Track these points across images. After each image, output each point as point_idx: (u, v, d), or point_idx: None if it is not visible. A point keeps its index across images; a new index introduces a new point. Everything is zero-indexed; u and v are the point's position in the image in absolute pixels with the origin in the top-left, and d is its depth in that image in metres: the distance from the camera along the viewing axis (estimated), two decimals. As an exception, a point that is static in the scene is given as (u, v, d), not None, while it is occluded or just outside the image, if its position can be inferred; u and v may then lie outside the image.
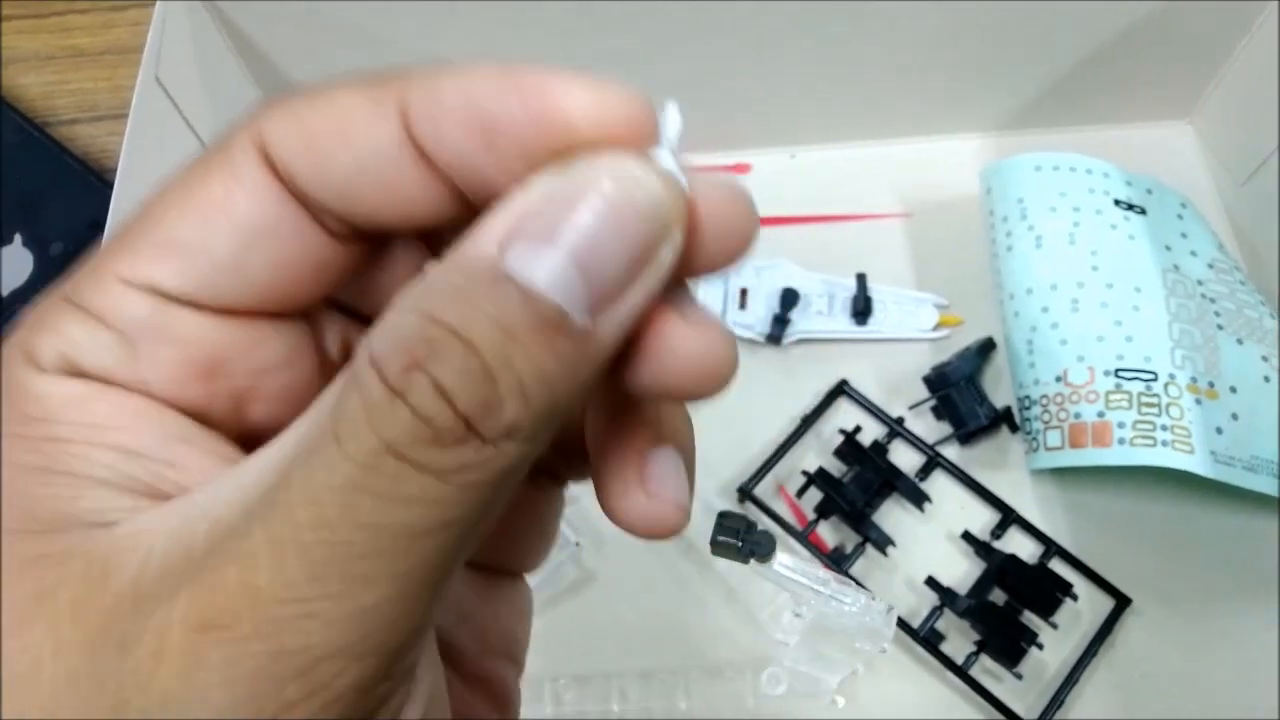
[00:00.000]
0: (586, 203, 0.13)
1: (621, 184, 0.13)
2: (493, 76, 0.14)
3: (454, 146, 0.14)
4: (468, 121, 0.14)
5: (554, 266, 0.13)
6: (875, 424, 0.50)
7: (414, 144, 0.15)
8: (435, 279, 0.13)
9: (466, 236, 0.14)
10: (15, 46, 0.61)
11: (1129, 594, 0.45)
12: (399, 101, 0.15)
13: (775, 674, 0.43)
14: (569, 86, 0.14)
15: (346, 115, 0.15)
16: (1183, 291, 0.47)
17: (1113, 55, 0.53)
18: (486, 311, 0.13)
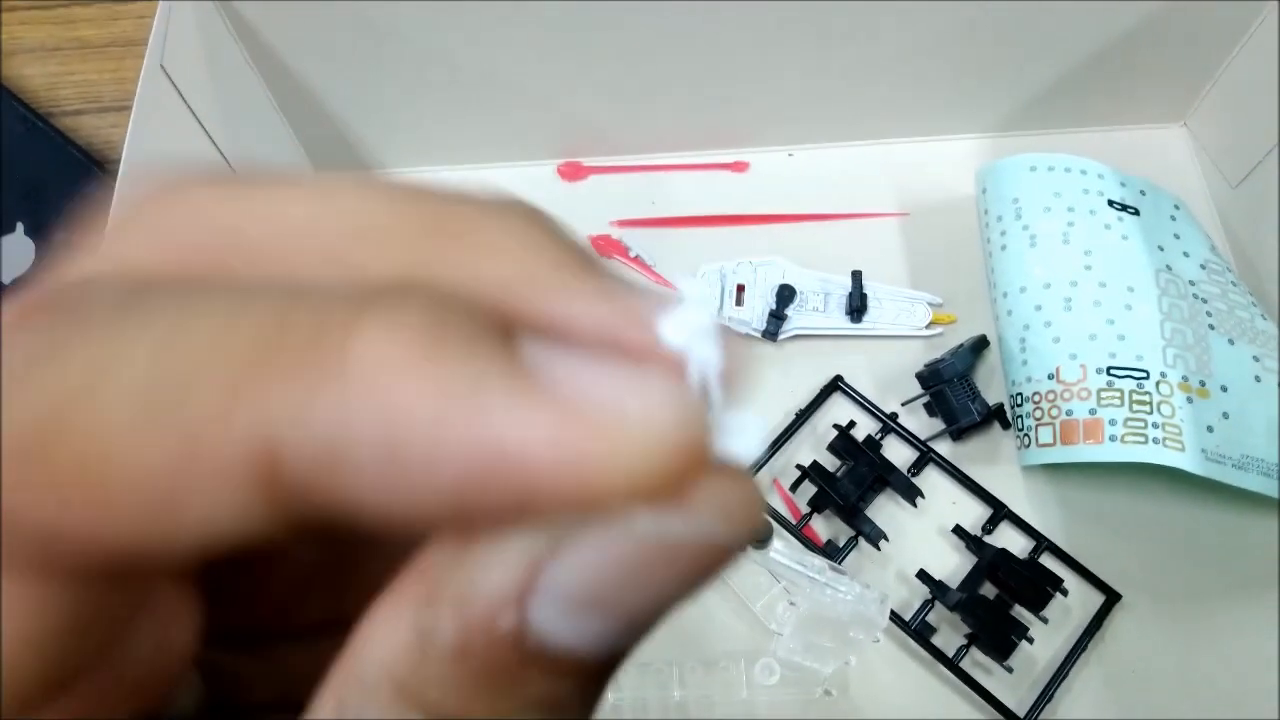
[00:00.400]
0: (639, 559, 0.10)
1: (681, 529, 0.10)
2: (437, 421, 0.09)
3: (383, 522, 0.10)
4: (408, 500, 0.10)
5: (600, 631, 0.10)
6: (869, 419, 0.50)
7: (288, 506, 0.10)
8: (430, 641, 0.10)
9: (463, 577, 0.10)
10: (20, 37, 0.62)
11: (1119, 590, 0.46)
12: (251, 454, 0.09)
13: (769, 664, 0.44)
14: (598, 452, 0.09)
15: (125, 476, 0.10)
16: (1175, 291, 0.47)
17: (1109, 59, 0.54)
18: (524, 703, 0.10)
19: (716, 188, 0.59)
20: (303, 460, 0.09)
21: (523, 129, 0.58)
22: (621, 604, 0.10)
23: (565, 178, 0.59)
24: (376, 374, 0.09)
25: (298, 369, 0.09)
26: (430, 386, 0.09)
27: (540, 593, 0.09)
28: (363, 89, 0.54)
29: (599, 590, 0.10)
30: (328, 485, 0.09)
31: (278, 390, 0.09)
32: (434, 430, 0.09)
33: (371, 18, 0.49)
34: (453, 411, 0.09)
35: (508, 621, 0.10)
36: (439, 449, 0.09)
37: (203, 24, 0.47)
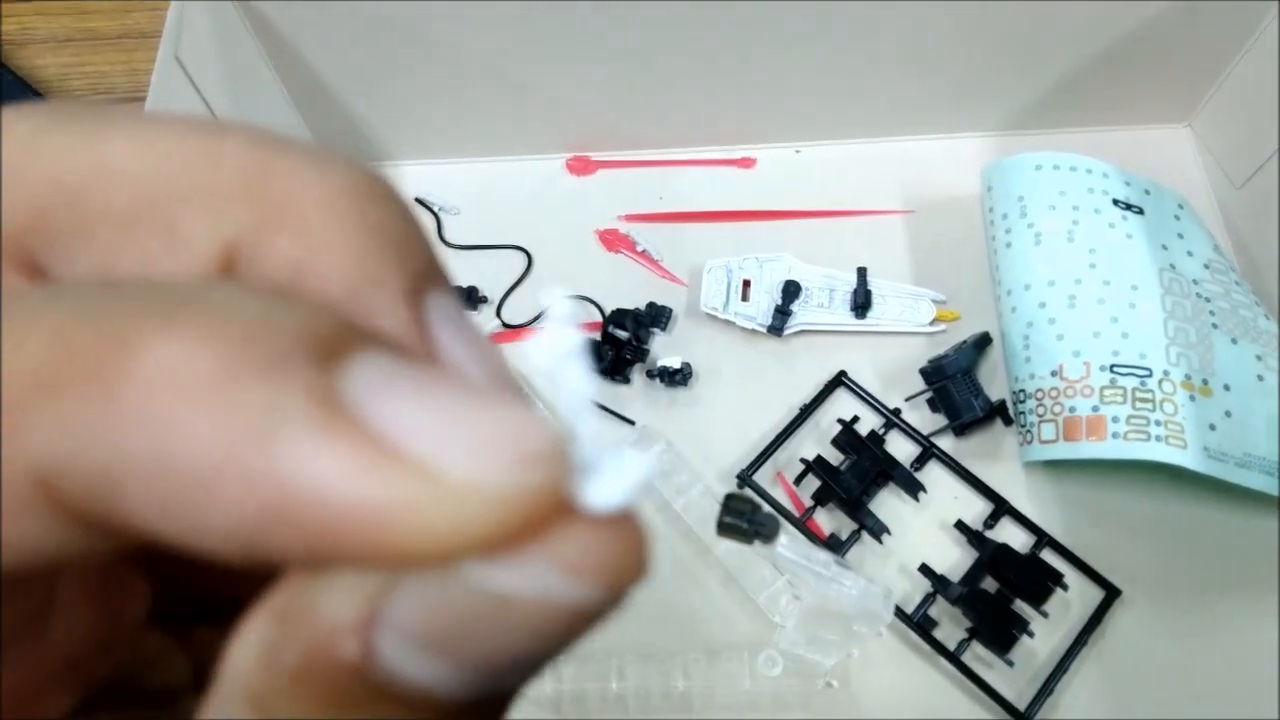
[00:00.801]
0: (476, 610, 0.09)
1: (519, 584, 0.09)
2: (206, 469, 0.08)
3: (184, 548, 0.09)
4: (200, 541, 0.09)
5: (439, 671, 0.09)
6: (872, 414, 0.51)
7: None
8: (278, 659, 0.09)
9: (304, 605, 0.09)
10: (34, 28, 0.62)
11: (1119, 586, 0.46)
12: (29, 474, 0.09)
13: (772, 656, 0.44)
14: (397, 507, 0.08)
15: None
16: (1179, 290, 0.48)
17: (1114, 59, 0.54)
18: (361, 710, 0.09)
19: (724, 183, 0.59)
20: (77, 485, 0.08)
21: (533, 123, 0.58)
22: (465, 651, 0.09)
23: (574, 172, 0.60)
24: (151, 398, 0.08)
25: (73, 388, 0.08)
26: (214, 415, 0.08)
27: (382, 627, 0.09)
28: (375, 82, 0.55)
29: (438, 635, 0.09)
30: (111, 511, 0.08)
31: (51, 412, 0.08)
32: (212, 463, 0.08)
33: (385, 12, 0.49)
34: (237, 445, 0.08)
35: (348, 650, 0.09)
36: (218, 484, 0.08)
37: (217, 15, 0.47)
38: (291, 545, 0.08)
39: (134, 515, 0.08)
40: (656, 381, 0.52)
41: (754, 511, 0.32)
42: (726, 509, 0.33)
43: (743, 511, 0.32)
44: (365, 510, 0.08)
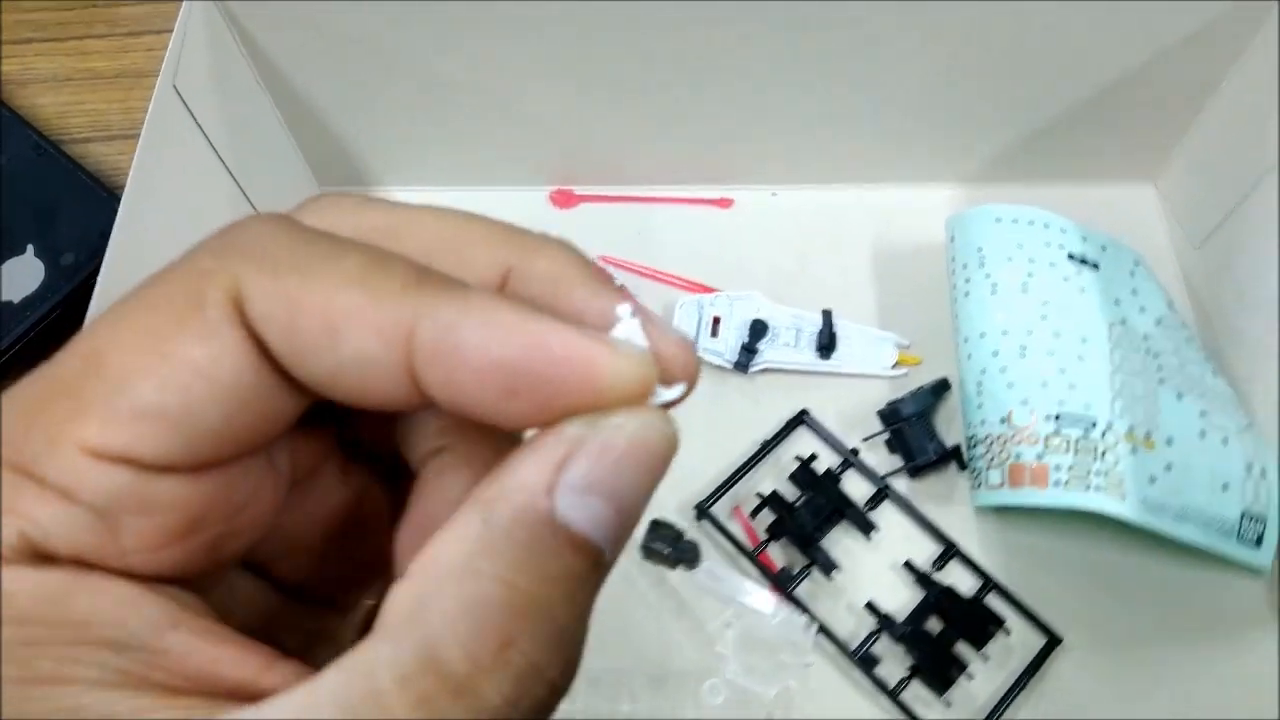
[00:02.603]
0: (626, 456, 0.14)
1: (648, 433, 0.15)
2: (520, 331, 0.14)
3: (467, 393, 0.15)
4: (490, 377, 0.14)
5: (600, 513, 0.14)
6: (831, 453, 0.52)
7: (409, 367, 0.15)
8: (492, 527, 0.14)
9: (508, 479, 0.14)
10: (34, 67, 0.65)
11: (1061, 633, 0.47)
12: (407, 327, 0.14)
13: (715, 685, 0.46)
14: (603, 357, 0.14)
15: (341, 314, 0.14)
16: (1128, 344, 0.49)
17: (1084, 116, 0.56)
18: (557, 572, 0.14)
19: (702, 221, 0.61)
20: (427, 342, 0.14)
21: (519, 156, 0.60)
22: (613, 489, 0.14)
23: (557, 204, 0.62)
24: (485, 307, 0.15)
25: (438, 292, 0.15)
26: (516, 319, 0.14)
27: (561, 485, 0.14)
28: (368, 111, 0.57)
29: (598, 479, 0.14)
30: (441, 364, 0.14)
31: (426, 298, 0.14)
32: (513, 338, 0.14)
33: (380, 44, 0.52)
34: (528, 331, 0.14)
35: (541, 505, 0.14)
36: (510, 349, 0.14)
37: (215, 45, 0.50)
38: (542, 386, 0.14)
39: (453, 369, 0.15)
40: (623, 412, 0.53)
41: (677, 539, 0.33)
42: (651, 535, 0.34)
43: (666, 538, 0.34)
44: (585, 364, 0.14)
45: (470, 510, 0.14)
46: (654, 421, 0.15)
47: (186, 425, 0.14)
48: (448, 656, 0.13)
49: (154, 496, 0.14)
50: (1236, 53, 0.51)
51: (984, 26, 0.50)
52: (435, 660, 0.13)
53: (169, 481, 0.15)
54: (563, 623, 0.14)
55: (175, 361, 0.14)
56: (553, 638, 0.13)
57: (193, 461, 0.15)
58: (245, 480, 0.16)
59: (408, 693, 0.13)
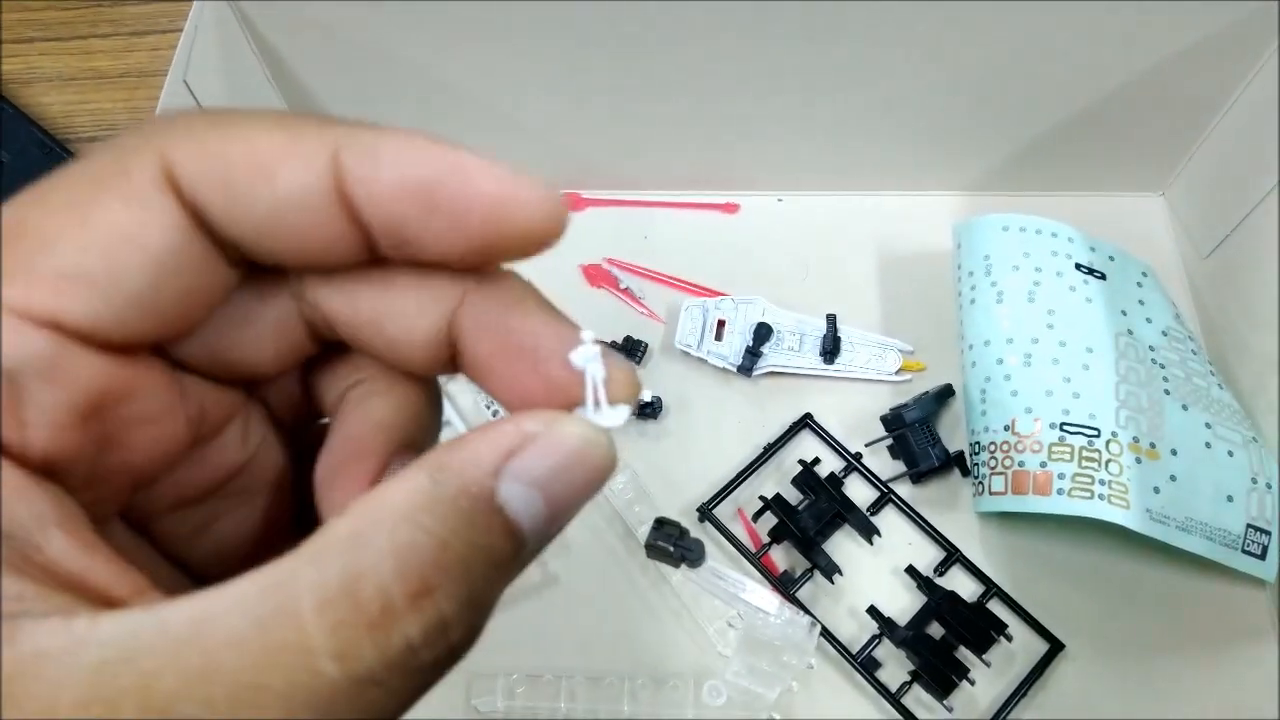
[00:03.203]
0: (570, 463, 0.15)
1: (593, 450, 0.15)
2: (436, 150, 0.15)
3: (388, 209, 0.15)
4: (407, 192, 0.15)
5: (536, 508, 0.15)
6: (834, 457, 0.52)
7: (342, 197, 0.15)
8: (439, 488, 0.14)
9: (461, 451, 0.15)
10: (40, 67, 0.65)
11: (1063, 639, 0.47)
12: (330, 152, 0.15)
13: (716, 687, 0.46)
14: (515, 183, 0.15)
15: (268, 154, 0.15)
16: (1133, 355, 0.49)
17: (1092, 127, 0.56)
18: (485, 544, 0.14)
19: (708, 227, 0.61)
20: (352, 166, 0.15)
21: (527, 159, 0.60)
22: (552, 490, 0.15)
23: (564, 207, 0.62)
24: (401, 132, 0.15)
25: (354, 125, 0.15)
26: (432, 142, 0.15)
27: (507, 471, 0.15)
28: (378, 116, 0.57)
29: (542, 476, 0.15)
30: (366, 185, 0.15)
31: (343, 130, 0.15)
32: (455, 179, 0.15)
33: (390, 49, 0.52)
34: (444, 151, 0.15)
35: (487, 483, 0.15)
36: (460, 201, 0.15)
37: (227, 43, 0.50)
38: (464, 215, 0.15)
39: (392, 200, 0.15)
40: (627, 413, 0.53)
41: (681, 536, 0.33)
42: (656, 532, 0.34)
43: (671, 535, 0.34)
44: (505, 194, 0.15)
45: (420, 469, 0.14)
46: (600, 441, 0.16)
47: (113, 290, 0.14)
48: (370, 588, 0.13)
49: (69, 368, 0.14)
50: (1246, 65, 0.51)
51: (992, 35, 0.50)
52: (357, 590, 0.13)
53: (89, 356, 0.14)
54: (478, 591, 0.14)
55: (100, 226, 0.14)
56: (467, 601, 0.14)
57: (120, 331, 0.15)
58: (159, 392, 0.16)
59: (324, 616, 0.12)
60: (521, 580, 0.50)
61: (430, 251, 0.16)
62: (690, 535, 0.30)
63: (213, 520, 0.19)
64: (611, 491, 0.50)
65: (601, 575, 0.50)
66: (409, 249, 0.16)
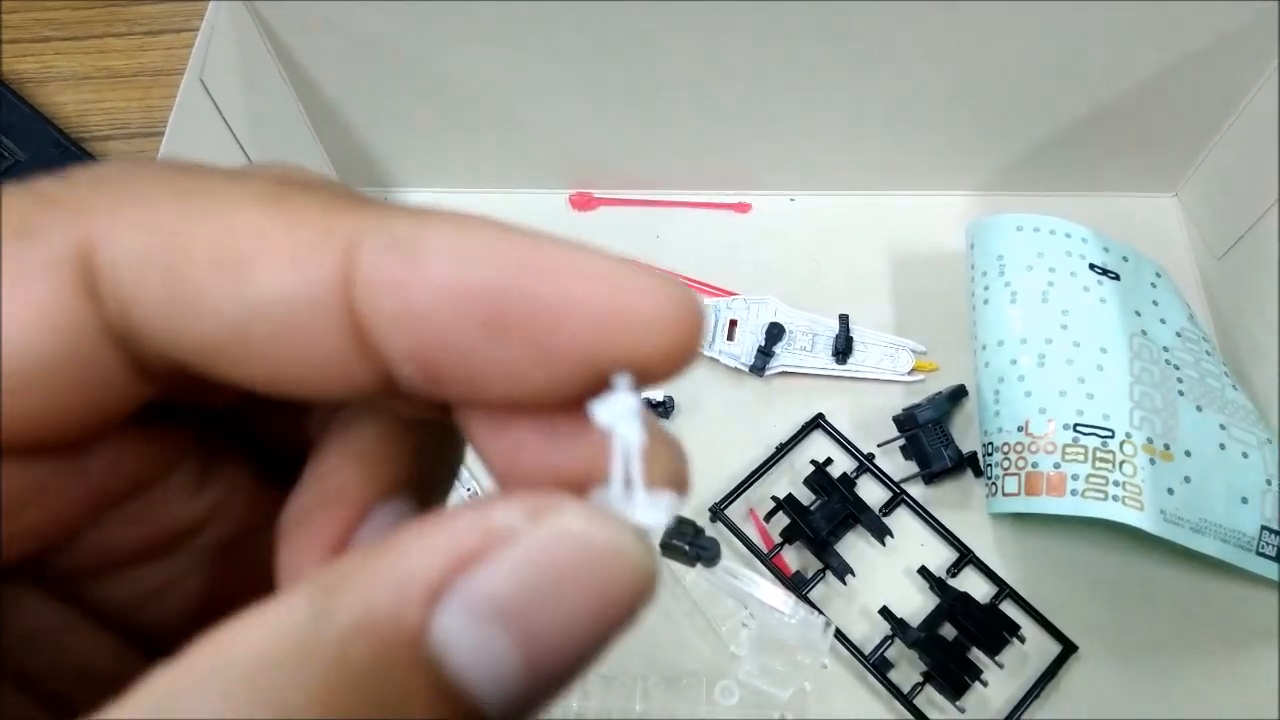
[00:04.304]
0: (579, 581, 0.10)
1: (618, 560, 0.10)
2: (509, 241, 0.10)
3: (430, 332, 0.10)
4: (468, 304, 0.10)
5: (500, 656, 0.09)
6: (846, 458, 0.52)
7: (352, 313, 0.10)
8: (322, 625, 0.09)
9: (378, 560, 0.10)
10: (54, 66, 0.65)
11: (1076, 641, 0.47)
12: (345, 244, 0.10)
13: (728, 687, 0.46)
14: (625, 275, 0.11)
15: (249, 244, 0.10)
16: (1148, 356, 0.49)
17: (1105, 127, 0.56)
18: (384, 716, 0.09)
19: (721, 226, 0.61)
20: (375, 267, 0.10)
21: (539, 159, 0.61)
22: (536, 625, 0.10)
23: (576, 207, 0.62)
24: (453, 218, 0.11)
25: (386, 208, 0.11)
26: (499, 228, 0.11)
27: (454, 592, 0.09)
28: (392, 114, 0.58)
29: (516, 601, 0.09)
30: (396, 293, 0.10)
31: (369, 214, 0.11)
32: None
33: (405, 49, 0.52)
34: (520, 241, 0.11)
35: (410, 616, 0.09)
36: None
37: (243, 43, 0.50)
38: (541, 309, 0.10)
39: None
40: (639, 413, 0.53)
41: (696, 535, 0.33)
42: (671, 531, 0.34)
43: (685, 534, 0.34)
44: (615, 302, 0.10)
45: (302, 592, 0.09)
46: (633, 551, 0.10)
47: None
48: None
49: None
50: (1261, 65, 0.51)
51: (1006, 35, 0.50)
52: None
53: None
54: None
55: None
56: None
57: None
58: (28, 473, 0.12)
59: None
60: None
61: (494, 390, 0.11)
62: (705, 535, 0.30)
63: (171, 583, 0.14)
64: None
65: (613, 574, 0.50)
66: (455, 388, 0.11)
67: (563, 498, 0.10)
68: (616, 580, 0.10)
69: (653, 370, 0.11)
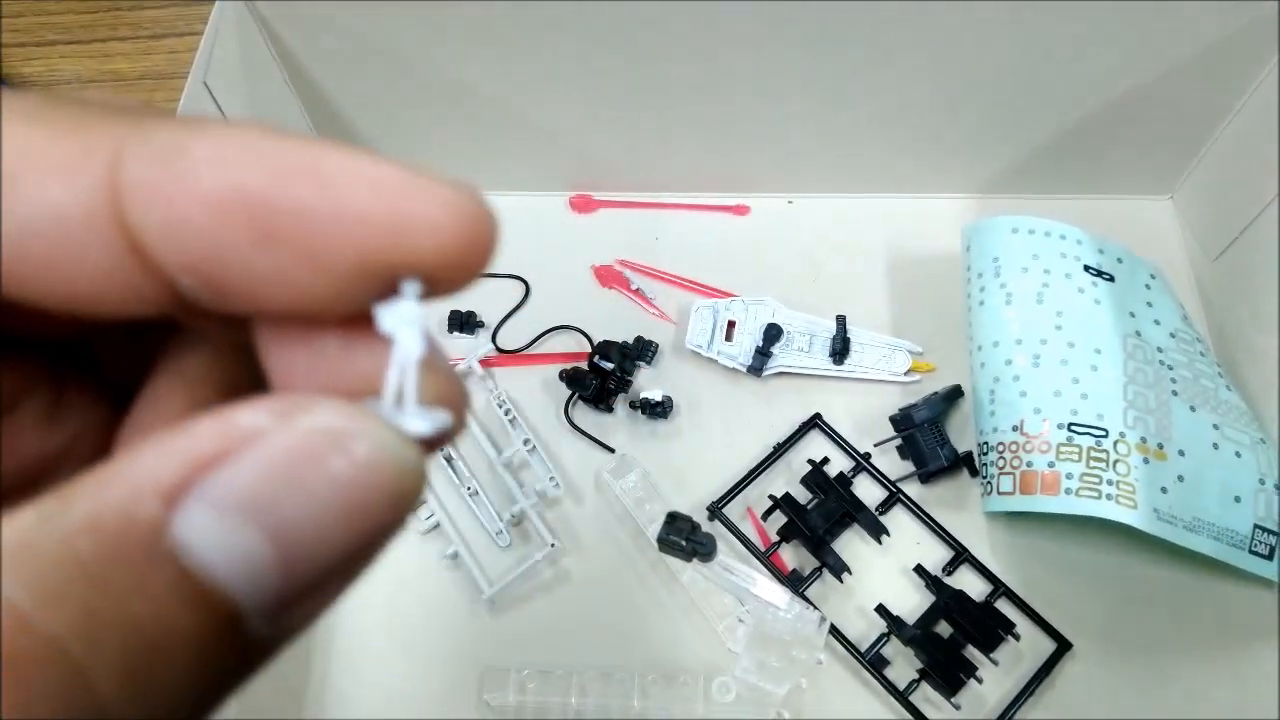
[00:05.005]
0: (321, 471, 0.10)
1: (374, 454, 0.10)
2: (271, 153, 0.10)
3: (198, 239, 0.10)
4: (235, 213, 0.10)
5: (248, 550, 0.09)
6: (843, 457, 0.53)
7: (122, 223, 0.10)
8: (50, 524, 0.09)
9: (112, 465, 0.09)
10: (59, 69, 0.66)
11: (1071, 639, 0.48)
12: (111, 154, 0.10)
13: (725, 683, 0.46)
14: (404, 178, 0.10)
15: (14, 156, 0.10)
16: (1141, 356, 0.49)
17: (1100, 130, 0.56)
18: (128, 615, 0.09)
19: (719, 228, 0.62)
20: (141, 176, 0.10)
21: (540, 162, 0.61)
22: (286, 521, 0.09)
23: (576, 209, 0.63)
24: (224, 126, 0.11)
25: (152, 116, 0.11)
26: (268, 134, 0.11)
27: (193, 492, 0.09)
28: (393, 117, 0.58)
29: (264, 497, 0.09)
30: (163, 204, 0.10)
31: (133, 123, 0.11)
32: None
33: (406, 52, 0.53)
34: (290, 147, 0.11)
35: (145, 510, 0.09)
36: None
37: (246, 45, 0.51)
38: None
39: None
40: (638, 413, 0.54)
41: (693, 530, 0.34)
42: (668, 526, 0.34)
43: (683, 530, 0.34)
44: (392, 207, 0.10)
45: (47, 499, 0.09)
46: (394, 449, 0.10)
47: None
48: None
49: None
50: (1254, 69, 0.51)
51: (1002, 39, 0.50)
52: None
53: None
54: (110, 693, 0.09)
55: None
56: (79, 705, 0.08)
57: None
58: None
59: None
60: (533, 576, 0.51)
61: (270, 301, 0.11)
62: (702, 530, 0.31)
63: None
64: (622, 490, 0.51)
65: (613, 572, 0.51)
66: (236, 299, 0.11)
67: (316, 398, 0.10)
68: (374, 475, 0.10)
69: (438, 277, 0.11)
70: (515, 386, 0.56)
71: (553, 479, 0.52)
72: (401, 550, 0.51)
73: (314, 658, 0.49)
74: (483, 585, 0.49)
